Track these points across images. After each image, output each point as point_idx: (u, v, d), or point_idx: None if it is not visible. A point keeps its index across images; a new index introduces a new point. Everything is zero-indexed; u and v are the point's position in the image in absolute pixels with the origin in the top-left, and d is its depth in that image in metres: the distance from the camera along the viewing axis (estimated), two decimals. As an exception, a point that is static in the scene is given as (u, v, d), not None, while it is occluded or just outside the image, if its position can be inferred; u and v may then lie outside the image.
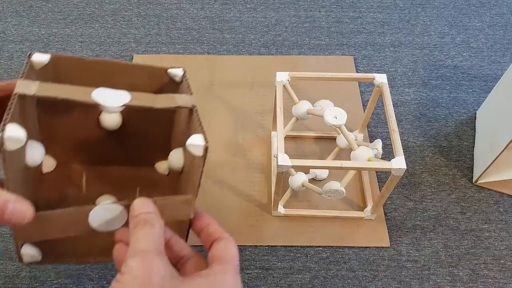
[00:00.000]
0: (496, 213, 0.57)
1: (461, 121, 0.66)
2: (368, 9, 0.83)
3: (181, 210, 0.35)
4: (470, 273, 0.52)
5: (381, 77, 0.52)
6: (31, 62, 0.37)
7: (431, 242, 0.54)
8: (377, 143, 0.51)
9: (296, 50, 0.75)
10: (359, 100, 0.68)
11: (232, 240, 0.35)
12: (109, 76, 0.39)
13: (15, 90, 0.33)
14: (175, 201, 0.35)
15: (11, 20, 0.78)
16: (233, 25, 0.79)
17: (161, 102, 0.36)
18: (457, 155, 0.62)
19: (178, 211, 0.35)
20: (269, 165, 0.61)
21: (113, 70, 0.40)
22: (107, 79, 0.38)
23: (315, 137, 0.64)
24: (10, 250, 0.52)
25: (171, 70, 0.42)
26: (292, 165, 0.45)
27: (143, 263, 0.29)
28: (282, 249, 0.53)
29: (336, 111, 0.48)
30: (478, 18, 0.81)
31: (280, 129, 0.49)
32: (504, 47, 0.76)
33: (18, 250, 0.36)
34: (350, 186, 0.59)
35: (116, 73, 0.40)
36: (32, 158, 0.37)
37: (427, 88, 0.70)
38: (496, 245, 0.54)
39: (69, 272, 0.51)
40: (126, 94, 0.36)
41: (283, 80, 0.53)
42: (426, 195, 0.58)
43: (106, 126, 0.44)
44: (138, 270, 0.29)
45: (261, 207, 0.57)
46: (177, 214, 0.35)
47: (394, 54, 0.75)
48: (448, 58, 0.75)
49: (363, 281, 0.51)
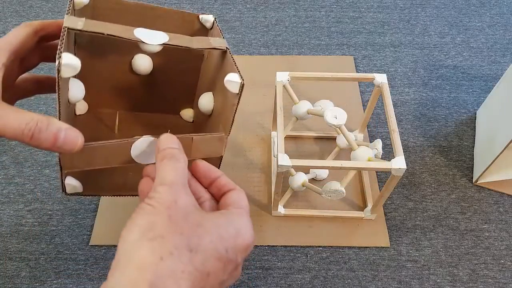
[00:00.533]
0: (496, 213, 0.57)
1: (461, 121, 0.66)
2: (368, 9, 0.83)
3: (214, 147, 0.37)
4: (470, 273, 0.52)
5: (381, 77, 0.52)
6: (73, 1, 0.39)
7: (431, 242, 0.54)
8: (377, 143, 0.51)
9: (296, 50, 0.75)
10: (359, 100, 0.68)
11: (244, 192, 0.36)
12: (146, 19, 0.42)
13: (64, 24, 0.34)
14: (210, 138, 0.37)
15: (11, 20, 0.78)
16: (233, 25, 0.79)
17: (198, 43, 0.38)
18: (457, 155, 0.62)
19: (211, 148, 0.37)
20: (269, 165, 0.61)
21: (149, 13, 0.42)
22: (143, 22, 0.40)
23: (315, 137, 0.64)
24: (10, 250, 0.52)
25: (202, 16, 0.43)
26: (292, 165, 0.45)
27: (170, 191, 0.31)
28: (282, 249, 0.53)
29: (336, 111, 0.48)
30: (478, 18, 0.81)
31: (280, 129, 0.49)
32: (504, 47, 0.76)
33: (63, 181, 0.38)
34: (350, 186, 0.59)
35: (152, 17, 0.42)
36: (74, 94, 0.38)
37: (427, 88, 0.70)
38: (496, 245, 0.54)
39: (69, 272, 0.51)
40: (165, 34, 0.37)
41: (283, 80, 0.53)
42: (426, 195, 0.58)
43: (138, 70, 0.45)
44: (165, 195, 0.31)
45: (261, 207, 0.57)
46: (210, 151, 0.37)
47: (394, 54, 0.75)
48: (448, 58, 0.75)
49: (363, 281, 0.51)
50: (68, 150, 0.33)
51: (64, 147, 0.32)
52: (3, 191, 0.57)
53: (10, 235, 0.54)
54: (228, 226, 0.32)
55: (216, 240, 0.31)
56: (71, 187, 0.39)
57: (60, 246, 0.53)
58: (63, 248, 0.53)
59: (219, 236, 0.31)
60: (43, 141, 0.32)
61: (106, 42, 0.35)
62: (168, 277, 0.27)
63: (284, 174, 0.48)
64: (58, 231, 0.54)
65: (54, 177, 0.59)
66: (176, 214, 0.30)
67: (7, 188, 0.58)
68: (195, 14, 0.44)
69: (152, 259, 0.28)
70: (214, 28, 0.44)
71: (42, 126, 0.32)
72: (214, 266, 0.30)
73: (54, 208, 0.56)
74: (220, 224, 0.32)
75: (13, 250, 0.52)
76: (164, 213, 0.30)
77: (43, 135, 0.32)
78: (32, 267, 0.51)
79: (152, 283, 0.27)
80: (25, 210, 0.56)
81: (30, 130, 0.31)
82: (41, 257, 0.52)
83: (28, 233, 0.54)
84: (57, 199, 0.57)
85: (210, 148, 0.37)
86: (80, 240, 0.53)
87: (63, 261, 0.52)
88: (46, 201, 0.56)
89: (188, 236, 0.30)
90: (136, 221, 0.30)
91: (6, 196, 0.57)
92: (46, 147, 0.32)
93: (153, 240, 0.28)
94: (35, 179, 0.58)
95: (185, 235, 0.30)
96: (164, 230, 0.29)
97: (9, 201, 0.56)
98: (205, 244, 0.30)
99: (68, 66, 0.32)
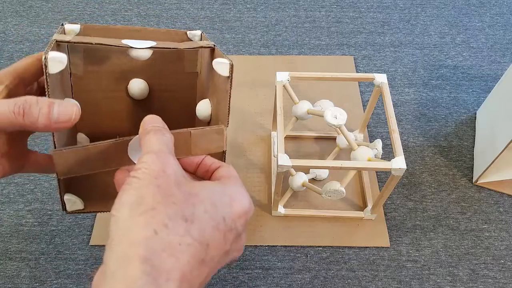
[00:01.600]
0: (496, 213, 0.57)
1: (461, 121, 0.66)
2: (368, 9, 0.83)
3: (214, 141, 0.36)
4: (470, 273, 0.52)
5: (381, 77, 0.52)
6: (64, 30, 0.39)
7: (431, 242, 0.54)
8: (377, 143, 0.51)
9: (296, 50, 0.75)
10: (359, 100, 0.68)
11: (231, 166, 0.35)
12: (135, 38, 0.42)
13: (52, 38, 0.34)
14: (208, 131, 0.36)
15: (11, 20, 0.78)
16: (233, 25, 0.79)
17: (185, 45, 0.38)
18: (457, 155, 0.62)
19: (211, 143, 0.36)
20: (269, 165, 0.61)
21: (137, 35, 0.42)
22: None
23: (315, 137, 0.64)
24: (10, 250, 0.52)
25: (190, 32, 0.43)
26: (292, 165, 0.45)
27: (158, 158, 0.29)
28: (282, 249, 0.53)
29: (336, 111, 0.48)
30: (478, 18, 0.81)
31: (280, 129, 0.49)
32: (504, 47, 0.76)
33: (62, 198, 0.37)
34: (350, 186, 0.59)
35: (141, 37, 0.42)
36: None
37: (427, 88, 0.70)
38: (496, 245, 0.54)
39: (69, 272, 0.51)
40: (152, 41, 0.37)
41: (283, 80, 0.53)
42: (426, 195, 0.58)
43: (134, 94, 0.45)
44: (152, 163, 0.29)
45: (261, 207, 0.57)
46: (210, 145, 0.36)
47: (394, 54, 0.75)
48: (448, 58, 0.75)
49: (363, 281, 0.51)
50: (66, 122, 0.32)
51: (60, 119, 0.31)
52: (3, 191, 0.57)
53: (10, 235, 0.54)
54: (222, 194, 0.31)
55: (211, 209, 0.29)
56: (71, 203, 0.39)
57: (60, 246, 0.53)
58: (63, 248, 0.53)
59: (213, 205, 0.29)
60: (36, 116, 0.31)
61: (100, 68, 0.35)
62: (163, 250, 0.26)
63: (284, 174, 0.48)
64: (58, 231, 0.54)
65: (54, 177, 0.59)
66: (166, 183, 0.28)
67: (7, 188, 0.58)
68: (183, 31, 0.43)
69: (145, 233, 0.26)
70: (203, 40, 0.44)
71: (32, 101, 0.31)
72: (213, 236, 0.29)
73: (54, 208, 0.56)
74: (213, 192, 0.30)
75: (13, 250, 0.52)
76: (152, 183, 0.28)
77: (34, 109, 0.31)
78: (32, 267, 0.51)
79: (145, 258, 0.25)
80: (25, 210, 0.56)
81: (20, 107, 0.30)
82: (41, 257, 0.52)
83: (28, 233, 0.54)
84: (57, 199, 0.57)
85: (210, 142, 0.36)
86: (80, 240, 0.53)
87: (63, 261, 0.52)
88: (46, 201, 0.56)
89: (182, 205, 0.28)
90: (123, 198, 0.28)
91: (6, 196, 0.57)
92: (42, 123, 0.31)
93: (145, 214, 0.27)
94: (35, 179, 0.58)
95: (178, 204, 0.28)
96: (154, 202, 0.27)
97: (9, 201, 0.56)
98: (200, 214, 0.28)
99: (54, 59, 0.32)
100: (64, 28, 0.39)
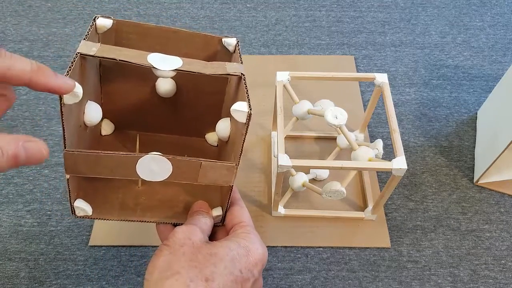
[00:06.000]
0: (497, 214, 0.57)
1: (462, 121, 0.66)
2: (368, 8, 0.83)
3: (222, 175, 0.37)
4: (471, 273, 0.52)
5: (381, 77, 0.52)
6: (96, 25, 0.39)
7: (432, 242, 0.54)
8: (377, 143, 0.51)
9: (296, 49, 0.75)
10: (360, 100, 0.68)
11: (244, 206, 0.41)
12: (167, 42, 0.42)
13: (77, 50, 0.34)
14: (219, 166, 0.36)
15: (11, 20, 0.78)
16: (233, 24, 0.79)
17: (211, 69, 0.37)
18: (458, 155, 0.62)
19: (220, 176, 0.37)
20: (269, 165, 0.60)
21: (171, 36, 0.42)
22: (165, 45, 0.42)
23: (316, 137, 0.64)
24: (9, 251, 0.52)
25: (225, 39, 0.43)
26: (293, 165, 0.45)
27: (186, 230, 0.36)
28: (282, 249, 0.53)
29: (336, 111, 0.48)
30: (479, 18, 0.81)
31: (280, 129, 0.48)
32: (505, 46, 0.76)
33: (72, 204, 0.38)
34: (351, 186, 0.58)
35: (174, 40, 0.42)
36: (89, 117, 0.39)
37: (428, 87, 0.70)
38: (497, 246, 0.54)
39: (68, 272, 0.51)
40: (179, 60, 0.37)
41: (283, 80, 0.53)
42: (427, 195, 0.58)
43: (161, 93, 0.46)
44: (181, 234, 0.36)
45: (261, 207, 0.56)
46: (218, 179, 0.37)
47: (394, 53, 0.75)
48: (449, 58, 0.74)
49: (363, 282, 0.51)
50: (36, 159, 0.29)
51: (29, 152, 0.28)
52: (2, 191, 0.57)
53: (9, 235, 0.53)
54: (238, 248, 0.36)
55: (230, 264, 0.34)
56: (80, 209, 0.39)
57: (59, 247, 0.53)
58: (62, 249, 0.52)
59: (231, 260, 0.35)
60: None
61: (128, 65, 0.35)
62: None
63: (284, 174, 0.47)
64: (57, 232, 0.54)
65: (53, 178, 0.58)
66: (190, 250, 0.34)
67: (6, 189, 0.57)
68: (218, 37, 0.43)
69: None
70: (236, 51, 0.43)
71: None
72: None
73: (53, 209, 0.56)
74: (231, 248, 0.35)
75: (12, 250, 0.52)
76: (179, 250, 0.34)
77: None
78: (31, 268, 0.51)
79: None
80: (24, 210, 0.55)
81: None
82: (40, 257, 0.52)
83: (27, 234, 0.54)
84: (56, 199, 0.56)
85: (218, 176, 0.37)
86: (79, 240, 0.53)
87: (62, 261, 0.51)
88: (45, 201, 0.56)
89: (203, 268, 0.33)
90: (155, 262, 0.34)
91: (5, 196, 0.57)
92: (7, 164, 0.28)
93: (171, 278, 0.32)
94: (34, 179, 0.58)
95: (199, 267, 0.33)
96: (179, 267, 0.33)
97: (8, 202, 0.56)
98: (221, 271, 0.34)
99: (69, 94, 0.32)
100: (96, 24, 0.39)
